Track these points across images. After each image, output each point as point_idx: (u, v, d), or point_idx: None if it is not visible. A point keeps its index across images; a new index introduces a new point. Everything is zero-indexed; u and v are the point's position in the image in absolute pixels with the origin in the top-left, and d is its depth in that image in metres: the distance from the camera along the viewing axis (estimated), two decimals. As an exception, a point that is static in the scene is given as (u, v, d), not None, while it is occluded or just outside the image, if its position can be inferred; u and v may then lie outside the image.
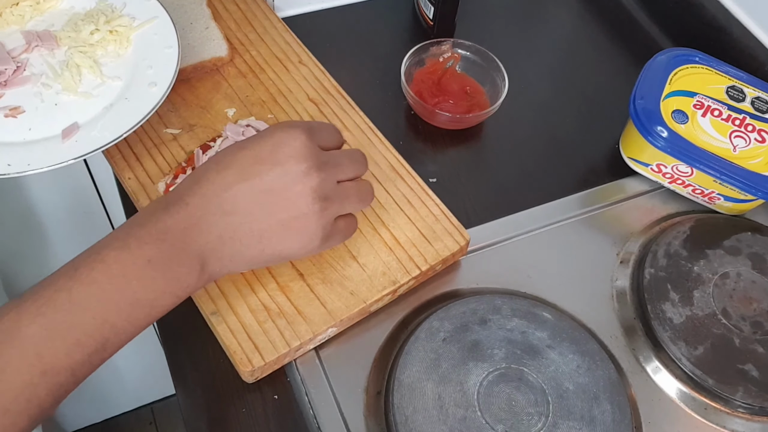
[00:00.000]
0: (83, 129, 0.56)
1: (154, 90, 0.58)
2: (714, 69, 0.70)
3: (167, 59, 0.60)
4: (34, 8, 0.63)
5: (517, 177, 0.72)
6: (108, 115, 0.58)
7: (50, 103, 0.59)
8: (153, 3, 0.64)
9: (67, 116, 0.58)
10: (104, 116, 0.58)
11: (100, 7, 0.63)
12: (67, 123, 0.57)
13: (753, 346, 0.59)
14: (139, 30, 0.63)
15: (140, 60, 0.61)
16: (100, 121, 0.57)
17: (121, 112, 0.57)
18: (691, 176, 0.66)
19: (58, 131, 0.56)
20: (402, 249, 0.60)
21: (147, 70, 0.60)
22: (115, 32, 0.62)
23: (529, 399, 0.54)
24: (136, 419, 1.45)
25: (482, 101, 0.75)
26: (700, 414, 0.57)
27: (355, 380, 0.56)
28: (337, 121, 0.68)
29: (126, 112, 0.57)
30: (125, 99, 0.59)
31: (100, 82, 0.60)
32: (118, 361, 1.22)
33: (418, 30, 0.84)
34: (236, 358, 0.53)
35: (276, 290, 0.57)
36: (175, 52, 0.61)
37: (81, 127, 0.56)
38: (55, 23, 0.63)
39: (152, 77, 0.60)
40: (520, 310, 0.58)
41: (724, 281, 0.63)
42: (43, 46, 0.61)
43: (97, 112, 0.58)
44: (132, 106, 0.58)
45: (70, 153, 0.54)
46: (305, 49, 0.74)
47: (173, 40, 0.62)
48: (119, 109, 0.58)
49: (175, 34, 0.62)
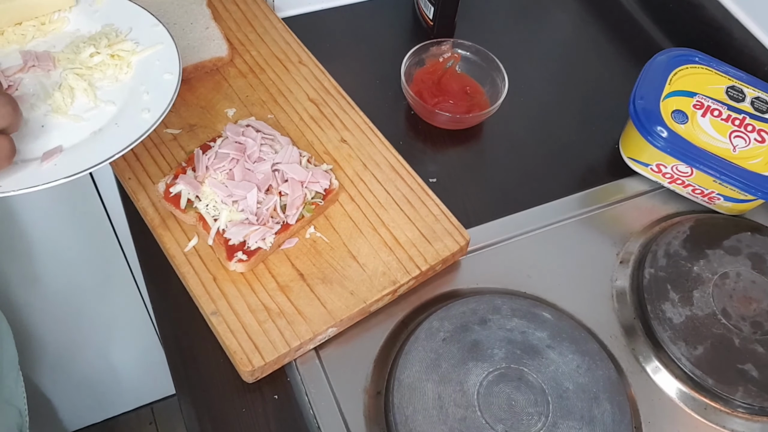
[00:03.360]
0: (66, 153, 0.53)
1: (146, 116, 0.55)
2: (714, 69, 0.70)
3: (166, 86, 0.58)
4: (38, 29, 0.61)
5: (517, 177, 0.72)
6: (94, 139, 0.55)
7: (36, 124, 0.56)
8: (160, 29, 0.61)
9: (51, 138, 0.55)
10: (89, 140, 0.55)
11: (104, 31, 0.61)
12: (51, 145, 0.54)
13: (753, 346, 0.59)
14: (142, 55, 0.60)
15: (138, 85, 0.58)
16: (84, 145, 0.54)
17: (107, 138, 0.55)
18: (691, 176, 0.66)
19: (39, 153, 0.53)
20: (402, 249, 0.60)
21: (143, 95, 0.57)
22: (116, 56, 0.60)
23: (529, 399, 0.54)
24: (136, 419, 1.45)
25: (482, 101, 0.75)
26: (699, 414, 0.57)
27: (355, 380, 0.56)
28: (337, 121, 0.68)
29: (112, 138, 0.54)
30: (115, 125, 0.56)
31: (92, 106, 0.57)
32: (118, 361, 1.22)
33: (418, 30, 0.84)
34: (236, 358, 0.53)
35: (276, 290, 0.57)
36: (175, 79, 0.58)
37: (64, 150, 0.54)
38: (56, 45, 0.60)
39: (147, 103, 0.57)
40: (520, 310, 0.58)
41: (724, 281, 0.63)
42: (39, 67, 0.58)
43: (84, 136, 0.55)
44: (120, 132, 0.55)
45: (47, 176, 0.51)
46: (305, 49, 0.74)
47: (175, 67, 0.59)
48: (106, 134, 0.55)
49: (178, 61, 0.59)
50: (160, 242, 0.60)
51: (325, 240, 0.60)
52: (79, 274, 1.01)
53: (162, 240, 0.60)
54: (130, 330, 1.17)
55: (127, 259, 1.03)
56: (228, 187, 0.59)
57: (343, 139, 0.67)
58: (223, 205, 0.58)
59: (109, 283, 1.06)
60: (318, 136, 0.67)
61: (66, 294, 1.03)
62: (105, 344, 1.17)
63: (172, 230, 0.60)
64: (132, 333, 1.18)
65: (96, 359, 1.19)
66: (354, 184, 0.64)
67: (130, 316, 1.14)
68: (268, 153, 0.62)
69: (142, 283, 0.86)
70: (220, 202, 0.58)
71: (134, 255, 0.67)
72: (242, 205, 0.58)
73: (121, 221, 0.93)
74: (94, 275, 1.03)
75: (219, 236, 0.58)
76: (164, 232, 0.60)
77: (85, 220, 0.94)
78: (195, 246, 0.59)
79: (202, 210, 0.59)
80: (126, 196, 0.64)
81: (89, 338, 1.13)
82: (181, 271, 0.58)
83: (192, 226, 0.60)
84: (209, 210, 0.59)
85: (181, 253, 0.58)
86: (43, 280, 0.98)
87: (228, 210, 0.58)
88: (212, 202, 0.59)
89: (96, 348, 1.17)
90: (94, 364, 1.20)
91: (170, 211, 0.60)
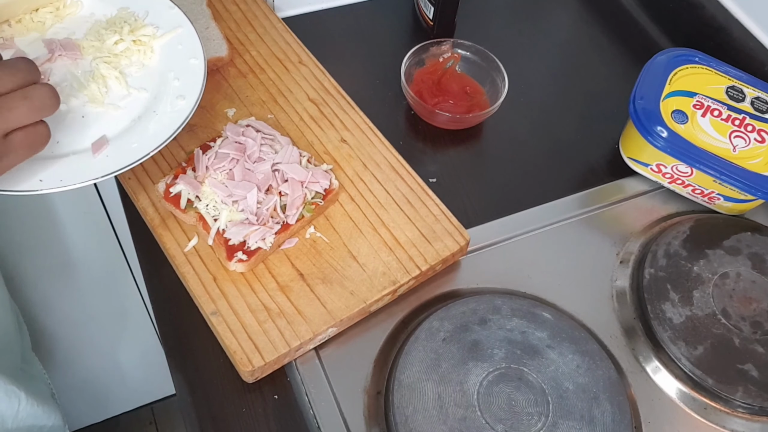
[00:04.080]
0: (113, 142, 0.54)
1: (182, 103, 0.57)
2: (714, 69, 0.70)
3: (194, 71, 0.59)
4: (55, 15, 0.61)
5: (517, 177, 0.72)
6: (137, 128, 0.56)
7: (77, 114, 0.57)
8: (176, 12, 0.62)
9: (94, 128, 0.56)
10: (133, 129, 0.56)
11: (122, 16, 0.61)
12: (96, 135, 0.55)
13: (753, 346, 0.59)
14: (163, 40, 0.61)
15: (166, 71, 0.59)
16: (130, 135, 0.55)
17: (150, 126, 0.56)
18: (691, 176, 0.66)
19: (87, 144, 0.54)
20: (402, 249, 0.60)
21: (173, 81, 0.58)
22: (139, 42, 0.60)
23: (529, 399, 0.54)
24: (136, 419, 1.45)
25: (482, 101, 0.75)
26: (699, 414, 0.57)
27: (355, 380, 0.56)
28: (337, 121, 0.68)
29: (155, 126, 0.55)
30: (153, 112, 0.57)
31: (126, 94, 0.58)
32: (119, 360, 1.22)
33: (418, 30, 0.84)
34: (236, 358, 0.53)
35: (276, 290, 0.57)
36: (202, 64, 0.59)
37: (110, 140, 0.55)
38: (76, 31, 0.60)
39: (179, 90, 0.58)
40: (520, 310, 0.58)
41: (724, 281, 0.63)
42: (66, 56, 0.59)
43: (125, 125, 0.56)
44: (161, 119, 0.56)
45: (102, 168, 0.52)
46: (305, 49, 0.74)
47: (198, 51, 0.60)
48: (148, 123, 0.56)
49: (200, 44, 0.60)
50: (160, 242, 0.60)
51: (325, 240, 0.60)
52: (79, 274, 1.01)
53: (162, 240, 0.60)
54: (129, 330, 1.17)
55: (127, 259, 1.03)
56: (228, 187, 0.59)
57: (343, 139, 0.67)
58: (223, 205, 0.58)
59: (109, 282, 1.06)
60: (318, 136, 0.67)
61: (66, 294, 1.03)
62: (105, 344, 1.17)
63: (172, 230, 0.60)
64: (132, 333, 1.17)
65: (96, 359, 1.19)
66: (354, 184, 0.64)
67: (129, 316, 1.14)
68: (268, 153, 0.62)
69: (142, 283, 0.86)
70: (220, 202, 0.59)
71: (134, 255, 0.67)
72: (242, 205, 0.58)
73: (121, 221, 0.93)
74: (93, 275, 1.03)
75: (219, 236, 0.58)
76: (164, 232, 0.60)
77: (85, 219, 0.94)
78: (195, 246, 0.59)
79: (202, 210, 0.59)
80: (126, 196, 0.64)
81: (89, 338, 1.13)
82: (181, 271, 0.58)
83: (192, 226, 0.60)
84: (209, 210, 0.59)
85: (181, 253, 0.58)
86: (43, 279, 0.98)
87: (228, 210, 0.58)
88: (212, 202, 0.59)
89: (97, 348, 1.17)
90: (95, 363, 1.20)
91: (170, 211, 0.60)
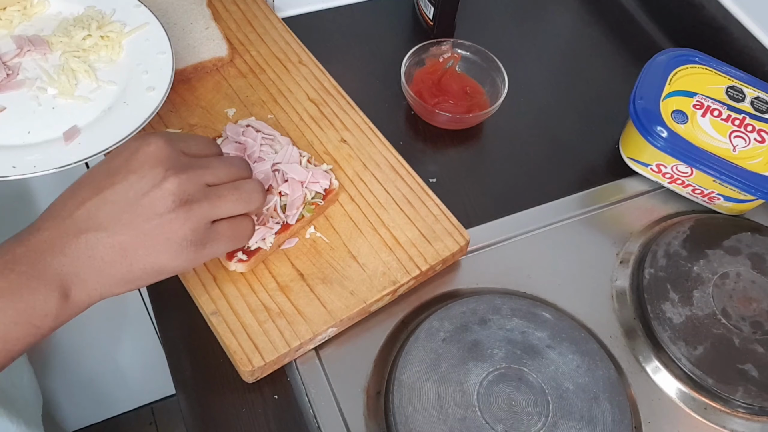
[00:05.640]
0: (84, 132, 0.56)
1: (152, 94, 0.59)
2: (714, 69, 0.70)
3: (162, 64, 0.61)
4: (23, 13, 0.64)
5: (517, 177, 0.72)
6: (108, 118, 0.58)
7: (47, 106, 0.59)
8: (143, 9, 0.64)
9: (65, 119, 0.58)
10: (104, 119, 0.58)
11: (89, 13, 0.64)
12: (67, 126, 0.57)
13: (753, 346, 0.59)
14: (131, 36, 0.63)
15: (134, 65, 0.61)
16: (101, 124, 0.57)
17: (121, 116, 0.58)
18: (691, 176, 0.66)
19: (58, 134, 0.56)
20: (402, 249, 0.60)
21: (142, 75, 0.61)
22: (106, 38, 0.62)
23: (529, 399, 0.54)
24: (136, 419, 1.45)
25: (482, 101, 0.75)
26: (699, 414, 0.57)
27: (355, 380, 0.56)
28: (337, 121, 0.68)
29: (126, 116, 0.57)
30: (124, 103, 0.59)
31: (95, 86, 0.60)
32: (119, 361, 1.22)
33: (418, 30, 0.84)
34: (236, 358, 0.53)
35: (276, 290, 0.57)
36: (170, 57, 0.61)
37: (82, 129, 0.57)
38: (44, 28, 0.63)
39: (149, 82, 0.60)
40: (520, 310, 0.58)
41: (724, 281, 0.63)
42: (35, 51, 0.61)
43: (96, 115, 0.58)
44: (132, 109, 0.58)
45: (74, 155, 0.54)
46: (305, 49, 0.74)
47: (166, 45, 0.62)
48: (119, 113, 0.58)
49: (167, 39, 0.62)
50: (160, 242, 0.60)
51: (325, 240, 0.60)
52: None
53: (162, 240, 0.60)
54: (129, 330, 1.17)
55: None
56: (228, 187, 0.59)
57: (343, 139, 0.67)
58: (223, 205, 0.58)
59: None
60: (318, 136, 0.67)
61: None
62: (105, 344, 1.17)
63: (172, 230, 0.60)
64: (132, 333, 1.17)
65: (96, 359, 1.19)
66: (354, 184, 0.64)
67: (129, 316, 1.14)
68: (268, 153, 0.62)
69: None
70: (220, 202, 0.58)
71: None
72: (242, 205, 0.58)
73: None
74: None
75: (219, 236, 0.58)
76: (164, 232, 0.60)
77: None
78: (195, 246, 0.59)
79: (202, 210, 0.59)
80: (126, 196, 0.63)
81: (89, 338, 1.13)
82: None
83: (192, 226, 0.60)
84: (209, 210, 0.59)
85: (181, 253, 0.58)
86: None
87: (228, 210, 0.58)
88: (212, 202, 0.59)
89: (97, 348, 1.17)
90: (95, 363, 1.20)
91: (170, 211, 0.60)
